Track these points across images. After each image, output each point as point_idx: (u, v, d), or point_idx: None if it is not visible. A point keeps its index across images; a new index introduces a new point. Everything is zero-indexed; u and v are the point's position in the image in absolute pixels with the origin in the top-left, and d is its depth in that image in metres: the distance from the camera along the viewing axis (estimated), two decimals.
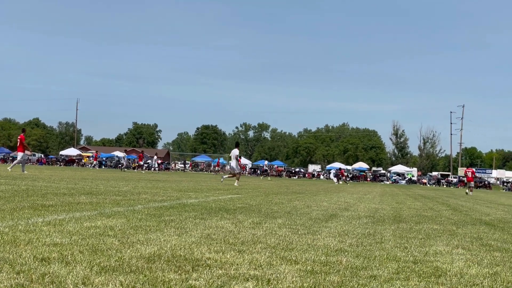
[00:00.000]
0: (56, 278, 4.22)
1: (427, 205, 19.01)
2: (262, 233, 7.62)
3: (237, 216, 9.90)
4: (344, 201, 18.04)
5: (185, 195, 15.78)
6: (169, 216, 9.15)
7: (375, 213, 13.19)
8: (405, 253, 6.63)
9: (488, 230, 10.45)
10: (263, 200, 15.59)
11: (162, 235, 6.74)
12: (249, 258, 5.54)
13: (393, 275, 5.16)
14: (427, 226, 10.41)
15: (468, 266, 5.93)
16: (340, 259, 5.84)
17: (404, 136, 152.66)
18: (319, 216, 11.10)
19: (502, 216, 15.23)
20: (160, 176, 39.42)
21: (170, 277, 4.49)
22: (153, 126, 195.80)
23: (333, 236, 7.80)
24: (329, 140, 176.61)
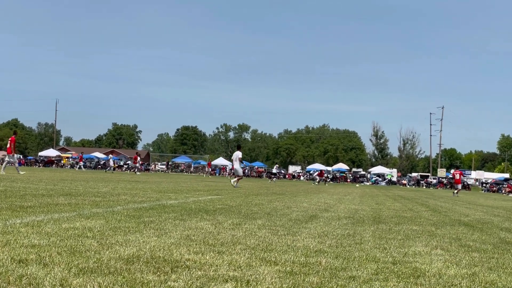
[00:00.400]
0: (34, 279, 4.18)
1: (406, 206, 19.10)
2: (241, 234, 7.61)
3: (216, 217, 9.88)
4: (324, 202, 18.07)
5: (164, 196, 15.73)
6: (149, 217, 9.11)
7: (354, 214, 13.23)
8: (384, 253, 6.65)
9: (467, 231, 10.51)
10: (243, 201, 15.58)
11: (141, 236, 6.71)
12: (229, 259, 5.53)
13: (372, 276, 5.17)
14: (407, 227, 10.45)
15: (447, 267, 5.96)
16: (319, 260, 5.85)
17: (384, 137, 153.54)
18: (299, 217, 11.11)
19: (480, 217, 15.33)
20: (140, 177, 39.28)
21: (149, 278, 4.47)
22: (133, 127, 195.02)
23: (313, 237, 7.81)
24: (309, 141, 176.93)
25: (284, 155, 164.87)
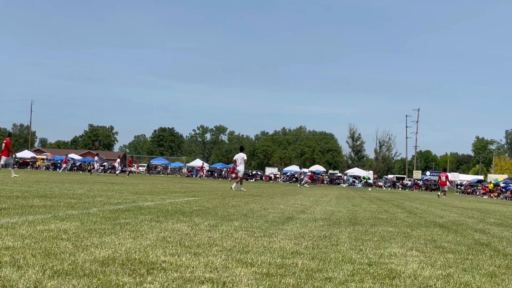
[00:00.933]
0: (8, 282, 4.14)
1: (382, 207, 19.19)
2: (218, 236, 7.60)
3: (193, 219, 9.86)
4: (300, 203, 18.10)
5: (141, 198, 15.65)
6: (125, 219, 9.06)
7: (331, 215, 13.27)
8: (360, 255, 6.68)
9: (442, 232, 10.59)
10: (220, 202, 15.55)
11: (117, 238, 6.67)
12: (205, 261, 5.52)
13: (348, 277, 5.18)
14: (382, 229, 10.50)
15: (422, 268, 5.99)
16: (295, 261, 5.85)
17: (360, 139, 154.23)
18: (276, 219, 11.11)
19: (455, 218, 15.45)
20: (117, 179, 39.07)
21: (124, 280, 4.45)
22: (109, 128, 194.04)
23: (289, 239, 7.81)
24: (286, 143, 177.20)
25: (261, 157, 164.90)
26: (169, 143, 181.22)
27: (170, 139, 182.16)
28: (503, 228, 12.89)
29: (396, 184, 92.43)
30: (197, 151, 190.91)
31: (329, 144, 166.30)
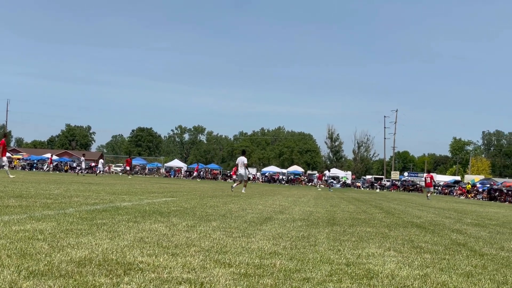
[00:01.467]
0: None
1: (360, 208, 19.26)
2: (196, 236, 7.57)
3: (171, 219, 9.82)
4: (279, 204, 18.11)
5: (118, 198, 15.57)
6: (102, 219, 9.00)
7: (309, 216, 13.28)
8: (338, 255, 6.69)
9: (419, 233, 10.64)
10: (198, 203, 15.52)
11: (94, 239, 6.62)
12: (183, 262, 5.49)
13: (326, 278, 5.18)
14: (360, 229, 10.53)
15: (400, 268, 6.01)
16: (274, 262, 5.85)
17: (338, 140, 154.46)
18: (254, 219, 11.10)
19: (432, 219, 15.54)
20: (95, 179, 38.84)
21: (101, 281, 4.41)
22: (86, 128, 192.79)
23: (268, 239, 7.81)
24: (265, 143, 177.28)
25: None
26: (147, 143, 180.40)
27: (148, 139, 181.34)
28: (480, 228, 12.99)
29: (374, 185, 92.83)
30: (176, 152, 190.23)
31: (307, 145, 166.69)
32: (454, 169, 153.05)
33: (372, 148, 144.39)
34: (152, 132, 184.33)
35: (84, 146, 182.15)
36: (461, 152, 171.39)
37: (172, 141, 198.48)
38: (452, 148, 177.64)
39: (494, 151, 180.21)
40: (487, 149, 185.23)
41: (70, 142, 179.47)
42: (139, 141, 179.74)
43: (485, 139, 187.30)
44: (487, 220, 16.81)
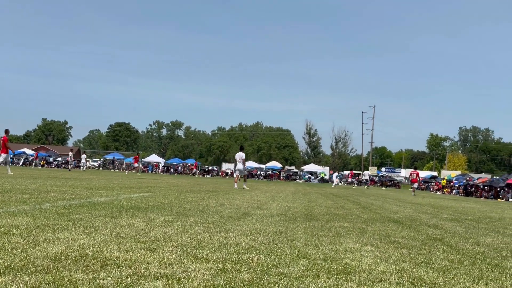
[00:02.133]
0: None
1: (338, 203, 19.32)
2: (173, 232, 7.55)
3: (148, 215, 9.78)
4: (257, 199, 18.12)
5: (95, 193, 15.48)
6: (78, 214, 8.94)
7: (287, 211, 13.30)
8: (316, 250, 6.70)
9: (396, 228, 10.70)
10: (176, 198, 15.47)
11: (70, 234, 6.58)
12: (160, 257, 5.47)
13: (303, 273, 5.19)
14: (338, 224, 10.56)
15: (376, 263, 6.04)
16: (251, 257, 5.84)
17: (316, 135, 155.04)
18: (232, 215, 11.09)
19: (409, 214, 15.64)
20: (71, 174, 38.58)
21: (77, 276, 4.38)
22: (63, 123, 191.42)
23: (245, 234, 7.80)
24: (243, 139, 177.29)
25: (217, 153, 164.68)
26: (124, 138, 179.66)
27: (126, 134, 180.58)
28: (456, 224, 13.09)
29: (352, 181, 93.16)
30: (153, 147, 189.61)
31: (285, 140, 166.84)
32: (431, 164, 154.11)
33: (350, 144, 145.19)
34: (130, 127, 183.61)
35: (61, 141, 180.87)
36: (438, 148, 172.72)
37: (150, 136, 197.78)
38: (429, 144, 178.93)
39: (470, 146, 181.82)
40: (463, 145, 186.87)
41: (46, 136, 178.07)
42: (117, 136, 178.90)
43: (461, 135, 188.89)
44: (463, 216, 16.95)
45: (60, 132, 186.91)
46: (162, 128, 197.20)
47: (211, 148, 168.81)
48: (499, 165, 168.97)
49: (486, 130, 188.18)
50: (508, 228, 12.78)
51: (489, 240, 9.59)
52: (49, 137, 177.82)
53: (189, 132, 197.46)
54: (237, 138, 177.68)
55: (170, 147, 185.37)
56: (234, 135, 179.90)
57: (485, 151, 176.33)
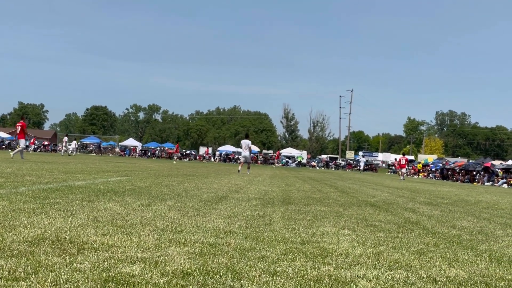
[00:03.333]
0: None
1: (315, 187, 19.39)
2: (151, 216, 7.53)
3: (125, 198, 9.75)
4: (234, 183, 18.12)
5: (72, 177, 15.39)
6: (55, 198, 8.89)
7: (265, 195, 13.32)
8: (293, 234, 6.72)
9: (373, 211, 10.76)
10: (153, 182, 15.44)
11: (47, 218, 6.54)
12: (137, 241, 5.46)
13: (280, 256, 5.21)
14: (315, 208, 10.60)
15: (353, 246, 6.07)
16: (229, 241, 5.85)
17: (294, 119, 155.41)
18: (209, 198, 11.09)
19: (386, 198, 15.74)
20: (47, 158, 38.29)
21: (54, 260, 4.35)
22: (39, 106, 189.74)
23: (223, 218, 7.81)
24: (221, 123, 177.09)
25: (195, 137, 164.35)
26: (101, 122, 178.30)
27: (103, 118, 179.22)
28: (432, 207, 13.20)
29: (329, 164, 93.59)
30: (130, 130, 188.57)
31: (263, 124, 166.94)
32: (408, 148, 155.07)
33: (327, 128, 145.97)
34: (107, 110, 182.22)
35: (37, 125, 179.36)
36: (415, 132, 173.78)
37: (127, 120, 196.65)
38: (406, 128, 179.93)
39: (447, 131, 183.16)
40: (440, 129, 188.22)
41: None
42: (94, 120, 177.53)
43: (438, 119, 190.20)
44: (439, 199, 17.10)
45: (36, 116, 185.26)
46: (140, 112, 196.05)
47: (188, 132, 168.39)
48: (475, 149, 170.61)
49: (463, 114, 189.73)
50: (484, 212, 12.91)
51: (465, 223, 9.69)
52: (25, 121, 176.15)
53: (167, 116, 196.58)
54: (215, 122, 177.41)
55: (147, 131, 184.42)
56: (211, 119, 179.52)
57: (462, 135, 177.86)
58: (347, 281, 4.39)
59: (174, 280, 4.02)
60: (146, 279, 4.01)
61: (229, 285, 3.99)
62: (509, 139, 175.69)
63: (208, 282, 4.04)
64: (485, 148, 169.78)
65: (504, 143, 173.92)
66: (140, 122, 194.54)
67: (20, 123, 30.53)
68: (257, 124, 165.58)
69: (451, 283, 4.59)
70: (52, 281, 3.77)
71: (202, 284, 3.98)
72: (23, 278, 3.81)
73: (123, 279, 3.96)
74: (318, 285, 4.20)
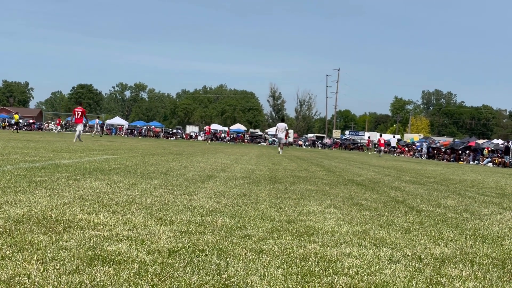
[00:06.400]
0: None
1: (302, 166, 19.43)
2: (137, 194, 7.53)
3: (112, 177, 9.73)
4: (221, 162, 18.13)
5: (58, 155, 15.33)
6: (41, 177, 8.86)
7: (251, 174, 13.34)
8: (280, 213, 6.74)
9: (359, 190, 10.81)
10: (140, 161, 15.41)
11: (33, 196, 6.52)
12: (123, 219, 5.46)
13: (267, 234, 5.22)
14: (302, 187, 10.63)
15: (339, 225, 6.10)
16: (215, 219, 5.86)
17: (281, 98, 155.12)
18: (196, 177, 11.10)
19: (372, 177, 15.80)
20: (33, 136, 38.10)
21: (40, 239, 4.34)
22: (24, 84, 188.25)
23: (209, 197, 7.82)
24: (207, 101, 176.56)
25: (181, 115, 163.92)
26: (87, 100, 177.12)
27: (89, 97, 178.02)
28: (418, 186, 13.27)
29: (316, 143, 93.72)
30: (117, 109, 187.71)
31: (250, 103, 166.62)
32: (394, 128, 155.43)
33: (314, 107, 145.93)
34: (93, 89, 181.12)
35: (22, 103, 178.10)
36: (402, 111, 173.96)
37: (113, 98, 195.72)
38: (392, 107, 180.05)
39: (433, 110, 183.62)
40: (426, 108, 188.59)
41: (7, 98, 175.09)
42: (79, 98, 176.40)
43: (424, 98, 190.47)
44: (425, 178, 17.19)
45: (21, 94, 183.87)
46: (126, 91, 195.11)
47: (175, 110, 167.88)
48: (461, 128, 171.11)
49: (449, 93, 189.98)
50: (469, 190, 13.00)
51: (450, 202, 9.75)
52: (10, 99, 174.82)
53: (153, 95, 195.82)
54: (201, 100, 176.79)
55: (134, 109, 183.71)
56: (198, 97, 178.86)
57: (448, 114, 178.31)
58: (333, 259, 4.41)
59: (160, 258, 4.02)
60: (132, 257, 4.01)
61: (215, 263, 4.00)
62: (494, 118, 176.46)
63: (194, 260, 4.05)
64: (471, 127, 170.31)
65: (489, 122, 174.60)
66: (126, 100, 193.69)
67: (80, 109, 31.77)
68: (244, 103, 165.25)
69: (435, 261, 4.62)
70: (38, 259, 3.76)
71: (188, 262, 3.98)
72: (9, 256, 3.80)
73: (109, 257, 3.96)
74: (304, 263, 4.22)
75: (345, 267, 4.18)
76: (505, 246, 5.58)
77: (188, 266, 3.87)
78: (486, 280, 4.10)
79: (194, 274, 3.70)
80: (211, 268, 3.86)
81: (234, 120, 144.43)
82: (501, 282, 4.09)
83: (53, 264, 3.70)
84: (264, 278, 3.73)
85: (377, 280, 3.90)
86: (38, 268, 3.57)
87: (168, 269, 3.76)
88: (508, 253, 5.20)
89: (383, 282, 3.85)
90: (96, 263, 3.79)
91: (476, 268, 4.48)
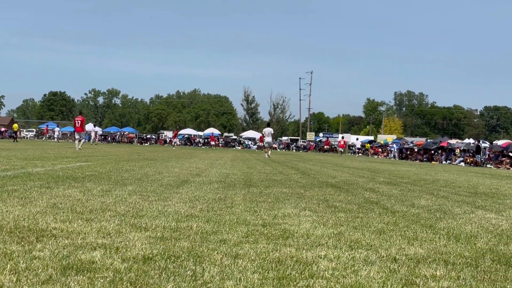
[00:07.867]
0: None
1: (277, 169, 19.44)
2: (111, 201, 7.48)
3: (85, 184, 9.66)
4: (195, 167, 18.08)
5: (30, 163, 15.18)
6: (13, 185, 8.77)
7: (226, 178, 13.32)
8: (255, 216, 6.74)
9: (334, 192, 10.84)
10: (113, 167, 15.32)
11: (5, 206, 6.45)
12: (98, 227, 5.42)
13: (242, 239, 5.22)
14: (277, 190, 10.64)
15: (315, 227, 6.11)
16: (190, 224, 5.84)
17: (255, 102, 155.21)
18: (170, 182, 11.06)
19: (347, 178, 15.86)
20: (5, 145, 37.69)
21: (12, 249, 4.30)
22: None
23: (184, 202, 7.79)
24: (181, 106, 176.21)
25: (155, 121, 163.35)
26: (60, 107, 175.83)
27: (61, 104, 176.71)
28: (392, 187, 13.34)
29: (290, 146, 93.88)
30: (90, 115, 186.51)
31: (223, 107, 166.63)
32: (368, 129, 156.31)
33: (288, 110, 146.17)
34: (65, 96, 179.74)
35: None
36: (375, 113, 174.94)
37: (86, 105, 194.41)
38: (365, 109, 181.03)
39: (405, 111, 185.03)
40: (399, 109, 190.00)
41: None
42: (52, 105, 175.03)
43: (397, 100, 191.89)
44: (398, 179, 17.29)
45: None
46: (99, 97, 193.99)
47: (149, 116, 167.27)
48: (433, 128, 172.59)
49: (421, 94, 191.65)
50: (442, 190, 13.10)
51: (424, 202, 9.82)
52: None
53: (126, 100, 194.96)
54: (175, 105, 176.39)
55: (107, 115, 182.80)
56: (171, 102, 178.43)
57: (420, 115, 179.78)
58: (308, 262, 4.42)
59: (135, 266, 4.00)
60: (106, 265, 3.99)
61: (191, 269, 3.99)
62: (465, 118, 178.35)
63: (169, 266, 4.04)
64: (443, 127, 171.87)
65: (460, 122, 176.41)
66: (100, 107, 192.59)
67: (80, 118, 34.31)
68: (218, 107, 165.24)
69: (410, 261, 4.65)
70: (11, 270, 3.72)
71: (164, 268, 3.97)
72: None
73: (84, 265, 3.93)
74: (280, 266, 4.22)
75: (320, 269, 4.19)
76: (478, 245, 5.63)
77: (163, 273, 3.86)
78: (460, 280, 4.14)
79: (170, 281, 3.68)
80: (186, 274, 3.85)
81: (208, 125, 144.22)
82: (475, 281, 4.13)
83: (26, 274, 3.66)
84: (240, 283, 3.73)
85: (352, 282, 3.91)
86: (11, 279, 3.53)
87: (143, 277, 3.74)
88: (481, 252, 5.25)
89: (358, 284, 3.87)
90: (70, 272, 3.75)
91: (450, 267, 4.52)
